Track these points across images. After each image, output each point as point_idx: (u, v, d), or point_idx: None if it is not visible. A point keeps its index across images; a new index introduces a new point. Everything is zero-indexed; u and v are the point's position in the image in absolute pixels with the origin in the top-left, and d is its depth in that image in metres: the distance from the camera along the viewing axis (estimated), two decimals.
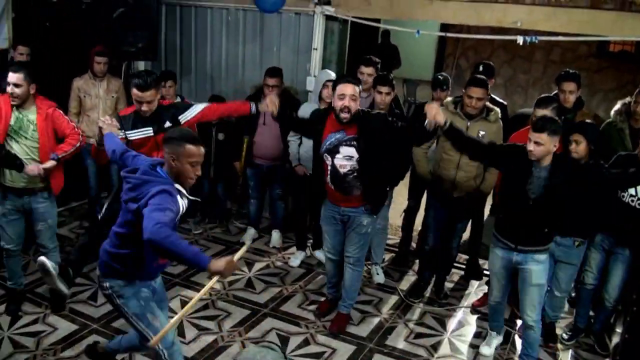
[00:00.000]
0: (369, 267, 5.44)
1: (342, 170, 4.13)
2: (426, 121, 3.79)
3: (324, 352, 4.21)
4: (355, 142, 4.07)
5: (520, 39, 4.84)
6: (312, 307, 4.80)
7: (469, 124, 4.45)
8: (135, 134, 4.16)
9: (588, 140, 3.97)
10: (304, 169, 5.21)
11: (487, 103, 4.67)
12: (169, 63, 6.77)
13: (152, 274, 3.33)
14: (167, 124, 4.16)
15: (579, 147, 3.96)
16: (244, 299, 4.87)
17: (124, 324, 3.78)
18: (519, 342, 4.52)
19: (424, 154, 4.89)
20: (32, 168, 4.06)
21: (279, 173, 5.68)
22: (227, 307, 4.72)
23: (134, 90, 4.03)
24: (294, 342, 4.32)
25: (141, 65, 6.79)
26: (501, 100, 5.40)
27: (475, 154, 4.09)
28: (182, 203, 3.06)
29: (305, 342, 4.32)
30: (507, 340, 4.57)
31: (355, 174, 4.13)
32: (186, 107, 4.36)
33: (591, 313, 4.66)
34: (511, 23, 4.94)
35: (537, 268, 3.90)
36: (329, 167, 4.17)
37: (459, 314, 4.91)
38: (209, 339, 4.28)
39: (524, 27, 4.90)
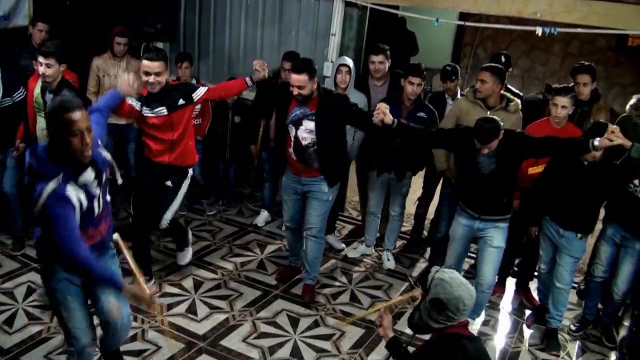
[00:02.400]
0: (380, 252, 5.49)
1: (303, 142, 4.33)
2: (374, 119, 4.01)
3: (333, 334, 4.28)
4: (314, 117, 4.26)
5: (539, 30, 4.83)
6: (324, 290, 4.86)
7: (488, 113, 4.47)
8: (150, 113, 4.27)
9: None
10: None
11: (507, 94, 4.70)
12: (187, 45, 6.80)
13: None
14: (181, 102, 4.29)
15: (596, 152, 3.92)
16: (255, 280, 4.94)
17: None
18: (527, 332, 4.57)
19: (443, 151, 4.92)
20: None
21: None
22: (239, 288, 4.79)
23: (144, 62, 4.19)
24: (304, 323, 4.38)
25: (160, 46, 6.83)
26: (517, 91, 5.40)
27: (429, 143, 4.47)
28: (76, 194, 2.76)
29: (315, 324, 4.39)
30: (515, 329, 4.61)
31: (315, 147, 4.32)
32: (195, 87, 4.52)
33: (600, 306, 4.69)
34: (531, 14, 4.92)
35: (497, 232, 4.19)
36: (292, 138, 4.36)
37: None
38: (221, 317, 4.36)
39: (544, 18, 4.88)
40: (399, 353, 2.90)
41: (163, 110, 4.26)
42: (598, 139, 3.75)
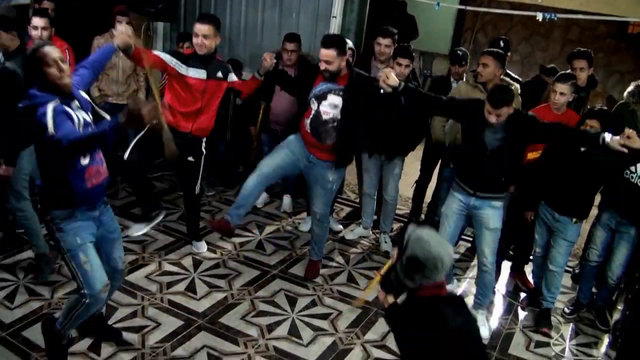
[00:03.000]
0: (377, 234, 5.54)
1: (324, 117, 4.31)
2: (382, 89, 4.05)
3: (330, 314, 4.34)
4: (342, 93, 4.27)
5: (539, 15, 4.85)
6: (321, 270, 4.90)
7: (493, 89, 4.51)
8: (189, 72, 4.38)
9: (602, 128, 3.96)
10: None
11: (506, 78, 4.74)
12: (188, 25, 6.77)
13: (88, 200, 3.18)
14: (219, 74, 4.51)
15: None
16: (254, 260, 4.99)
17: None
18: (521, 314, 4.64)
19: (441, 125, 4.96)
20: None
21: None
22: (238, 267, 4.84)
23: (195, 25, 4.38)
24: (302, 303, 4.44)
25: (160, 26, 6.83)
26: (516, 77, 5.43)
27: (436, 110, 4.45)
28: (76, 114, 3.04)
29: (313, 304, 4.45)
30: (510, 311, 4.68)
31: (334, 123, 4.31)
32: (231, 71, 4.68)
33: (594, 290, 4.76)
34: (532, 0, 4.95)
35: (493, 213, 4.14)
36: (312, 112, 4.33)
37: (463, 285, 5.01)
38: (220, 296, 4.41)
39: (545, 4, 4.91)
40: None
41: (203, 74, 4.41)
42: (609, 136, 3.67)
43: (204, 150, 4.71)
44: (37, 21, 4.65)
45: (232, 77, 4.64)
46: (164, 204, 5.84)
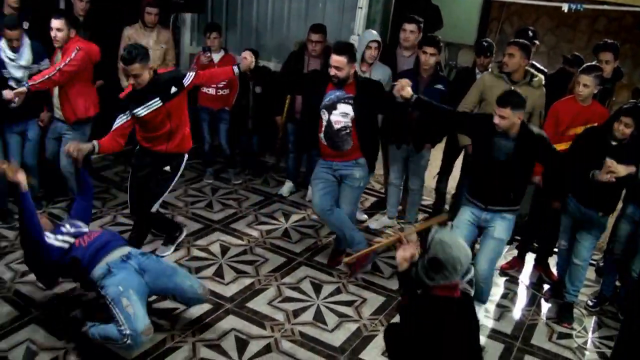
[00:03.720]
0: (402, 225, 5.60)
1: (336, 126, 4.39)
2: (395, 92, 4.18)
3: (355, 301, 4.41)
4: (352, 101, 4.34)
5: (565, 6, 4.84)
6: (347, 258, 4.96)
7: (512, 88, 4.52)
8: (143, 110, 4.14)
9: (637, 124, 3.96)
10: None
11: (531, 69, 4.74)
12: (216, 16, 6.88)
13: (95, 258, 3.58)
14: (174, 89, 4.19)
15: (626, 130, 3.96)
16: (280, 247, 5.08)
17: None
18: (545, 306, 4.66)
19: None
20: (5, 92, 4.48)
21: None
22: (264, 254, 4.93)
23: (120, 64, 4.18)
24: (327, 290, 4.52)
25: (188, 17, 6.93)
26: (542, 68, 5.43)
27: (446, 123, 4.48)
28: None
29: (337, 291, 4.52)
30: (533, 302, 4.70)
31: (347, 130, 4.39)
32: (183, 73, 4.40)
33: (617, 283, 4.77)
34: None
35: (502, 223, 4.13)
36: (324, 123, 4.42)
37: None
38: (247, 281, 4.51)
39: None
40: (408, 284, 2.98)
41: (157, 102, 4.15)
42: (598, 172, 3.83)
43: (183, 164, 4.54)
44: (53, 22, 4.73)
45: (188, 79, 4.27)
46: (192, 191, 5.97)
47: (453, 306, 2.76)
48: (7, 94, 4.47)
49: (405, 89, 4.12)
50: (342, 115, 4.37)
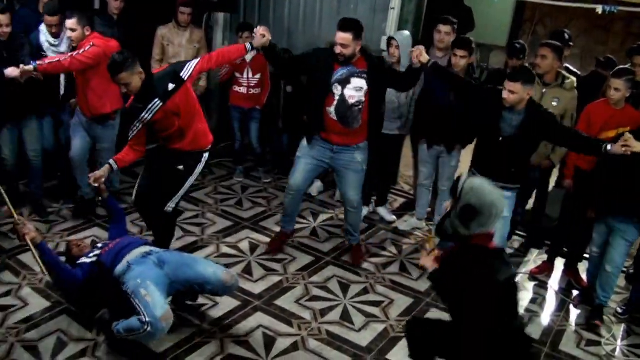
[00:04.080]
0: (431, 226, 5.59)
1: (350, 101, 4.36)
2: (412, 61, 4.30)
3: (382, 302, 4.42)
4: (365, 75, 4.34)
5: (599, 8, 4.79)
6: (373, 259, 5.01)
7: (544, 90, 4.51)
8: (147, 114, 3.94)
9: None
10: None
11: (564, 72, 4.70)
12: (248, 15, 6.92)
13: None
14: (171, 86, 3.93)
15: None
16: (308, 246, 5.11)
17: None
18: (573, 312, 4.61)
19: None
20: (9, 70, 4.42)
21: None
22: (293, 252, 4.97)
23: (115, 78, 3.84)
24: (354, 290, 4.53)
25: (221, 17, 6.98)
26: (575, 70, 5.38)
27: (459, 91, 4.49)
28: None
29: (365, 291, 4.53)
30: (562, 308, 4.66)
31: (360, 107, 4.38)
32: (183, 64, 4.10)
33: None
34: None
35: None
36: (337, 97, 4.36)
37: (517, 280, 5.00)
38: (275, 279, 4.55)
39: None
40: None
41: (157, 103, 3.91)
42: (611, 144, 3.82)
43: (202, 163, 4.29)
44: (66, 22, 4.69)
45: (188, 69, 3.99)
46: (222, 189, 6.04)
47: (493, 256, 2.69)
48: (12, 71, 4.37)
49: (422, 54, 4.21)
50: (356, 89, 4.34)
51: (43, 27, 4.82)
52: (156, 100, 3.90)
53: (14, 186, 5.06)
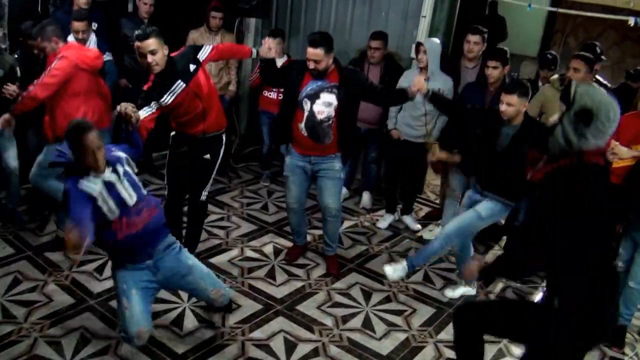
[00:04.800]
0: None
1: (319, 117, 4.29)
2: (408, 89, 4.26)
3: (404, 311, 4.39)
4: (336, 90, 4.26)
5: (631, 20, 4.73)
6: None
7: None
8: (170, 96, 3.94)
9: None
10: (398, 134, 5.33)
11: (595, 84, 4.63)
12: (279, 22, 6.97)
13: (126, 250, 3.34)
14: (192, 67, 4.00)
15: None
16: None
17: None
18: None
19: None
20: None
21: (376, 137, 5.82)
22: (316, 258, 4.97)
23: (135, 44, 3.79)
24: (376, 297, 4.52)
25: (252, 22, 7.05)
26: (606, 83, 5.30)
27: (459, 117, 4.51)
28: (93, 186, 3.15)
29: (387, 300, 4.51)
30: None
31: (329, 122, 4.30)
32: (198, 46, 4.23)
33: None
34: (624, 3, 4.83)
35: (489, 203, 4.25)
36: (306, 113, 4.30)
37: (540, 293, 4.94)
38: (298, 284, 4.56)
39: (638, 8, 4.78)
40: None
41: (181, 84, 3.94)
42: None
43: (223, 145, 4.39)
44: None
45: (204, 52, 4.11)
46: (248, 193, 6.07)
47: (607, 176, 2.48)
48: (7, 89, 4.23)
49: (422, 86, 4.21)
50: (325, 105, 4.27)
51: (71, 37, 4.76)
52: (179, 81, 3.93)
53: None
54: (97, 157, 3.15)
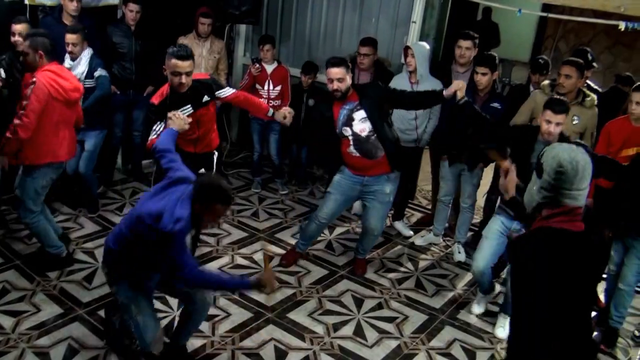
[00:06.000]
0: (447, 242, 5.53)
1: (363, 134, 4.40)
2: (445, 91, 4.26)
3: (396, 317, 4.37)
4: (359, 106, 4.40)
5: (622, 25, 4.73)
6: (389, 274, 4.95)
7: (554, 97, 4.43)
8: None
9: None
10: None
11: (584, 89, 4.64)
12: (269, 28, 6.96)
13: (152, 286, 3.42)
14: (206, 99, 4.14)
15: None
16: (323, 260, 5.08)
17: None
18: None
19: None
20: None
21: None
22: (307, 265, 4.94)
23: (173, 61, 3.85)
24: (368, 304, 4.49)
25: (243, 28, 7.03)
26: (596, 87, 5.30)
27: (491, 132, 4.33)
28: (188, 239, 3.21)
29: (379, 306, 4.49)
30: None
31: (374, 135, 4.41)
32: (221, 85, 4.39)
33: None
34: (615, 8, 4.82)
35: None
36: (351, 137, 4.43)
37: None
38: (289, 292, 4.53)
39: (628, 13, 4.78)
40: (520, 210, 2.69)
41: (189, 109, 4.05)
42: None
43: (214, 163, 4.51)
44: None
45: (224, 93, 4.30)
46: (239, 199, 6.04)
47: (574, 241, 2.29)
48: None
49: (461, 90, 4.17)
50: (362, 121, 4.39)
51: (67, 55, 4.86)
52: (189, 106, 4.06)
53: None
54: (215, 223, 3.17)
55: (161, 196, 3.09)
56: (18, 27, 4.60)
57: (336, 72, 4.30)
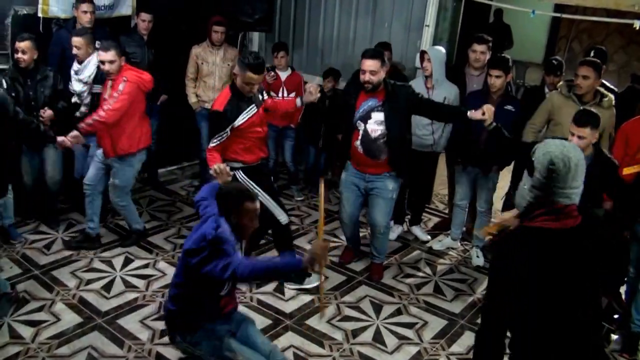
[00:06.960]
0: (465, 246, 5.49)
1: (373, 135, 4.43)
2: (470, 112, 4.18)
3: (415, 323, 4.34)
4: (381, 107, 4.39)
5: (637, 23, 4.69)
6: (407, 279, 4.93)
7: (581, 108, 4.39)
8: (243, 118, 4.22)
9: None
10: None
11: (601, 89, 4.60)
12: (282, 35, 6.98)
13: (219, 315, 3.24)
14: (261, 98, 4.45)
15: None
16: (341, 265, 5.06)
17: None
18: (612, 336, 4.47)
19: (533, 133, 4.85)
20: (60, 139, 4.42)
21: None
22: (325, 271, 4.89)
23: (249, 74, 4.08)
24: (387, 310, 4.46)
25: (256, 36, 7.05)
26: (612, 87, 5.25)
27: (519, 156, 4.15)
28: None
29: (398, 312, 4.46)
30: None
31: (384, 138, 4.42)
32: (262, 89, 4.64)
33: None
34: (629, 6, 4.78)
35: None
36: (361, 132, 4.46)
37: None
38: (307, 298, 4.51)
39: None
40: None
41: (253, 109, 4.30)
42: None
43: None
44: (102, 55, 4.53)
45: (265, 95, 4.61)
46: None
47: (563, 240, 2.12)
48: (45, 114, 4.68)
49: (490, 115, 4.05)
50: (377, 123, 4.41)
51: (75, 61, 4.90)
52: (253, 105, 4.29)
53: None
54: (254, 223, 3.16)
55: (198, 227, 3.12)
56: (22, 45, 4.66)
57: (370, 64, 4.29)
